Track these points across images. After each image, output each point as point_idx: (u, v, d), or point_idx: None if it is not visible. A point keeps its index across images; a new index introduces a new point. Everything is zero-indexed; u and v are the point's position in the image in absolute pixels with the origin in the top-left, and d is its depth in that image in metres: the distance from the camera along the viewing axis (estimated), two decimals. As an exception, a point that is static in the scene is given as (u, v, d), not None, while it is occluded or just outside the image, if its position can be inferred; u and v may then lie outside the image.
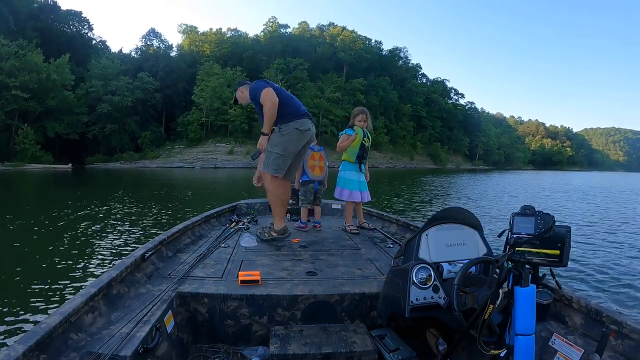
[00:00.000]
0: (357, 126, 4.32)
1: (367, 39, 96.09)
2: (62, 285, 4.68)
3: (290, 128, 3.47)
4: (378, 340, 2.16)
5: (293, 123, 3.48)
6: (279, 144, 3.48)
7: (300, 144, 3.61)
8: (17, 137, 49.41)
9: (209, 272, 2.64)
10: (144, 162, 57.44)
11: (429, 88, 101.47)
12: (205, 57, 74.68)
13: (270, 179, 3.54)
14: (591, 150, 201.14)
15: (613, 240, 8.99)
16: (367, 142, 4.41)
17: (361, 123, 4.33)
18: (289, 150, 3.52)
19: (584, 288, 5.39)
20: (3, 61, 47.97)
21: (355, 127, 4.32)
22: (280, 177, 3.58)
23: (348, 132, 4.31)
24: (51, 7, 63.39)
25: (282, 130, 3.48)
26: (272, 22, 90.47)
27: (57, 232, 7.76)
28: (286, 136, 3.48)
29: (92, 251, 6.34)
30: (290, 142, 3.51)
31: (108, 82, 58.59)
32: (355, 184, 4.35)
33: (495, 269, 1.79)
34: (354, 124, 4.35)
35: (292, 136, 3.49)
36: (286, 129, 3.47)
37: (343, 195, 4.39)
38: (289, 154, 3.52)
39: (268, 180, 3.55)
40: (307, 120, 3.61)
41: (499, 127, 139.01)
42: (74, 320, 1.69)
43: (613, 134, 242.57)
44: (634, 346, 1.57)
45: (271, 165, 3.49)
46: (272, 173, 3.51)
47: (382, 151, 79.47)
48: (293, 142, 3.52)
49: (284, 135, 3.48)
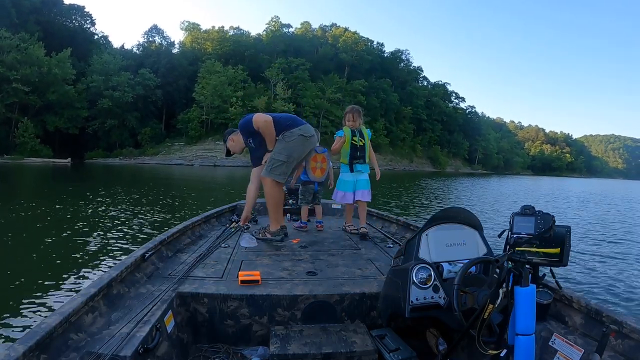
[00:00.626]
0: (346, 126, 4.26)
1: (369, 40, 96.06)
2: (62, 285, 4.64)
3: (294, 135, 3.49)
4: (378, 340, 2.16)
5: (297, 130, 3.51)
6: (283, 151, 3.48)
7: (305, 150, 3.65)
8: (17, 130, 49.57)
9: (209, 272, 2.64)
10: (143, 158, 57.44)
11: (430, 91, 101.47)
12: (207, 54, 74.59)
13: (271, 183, 3.53)
14: (590, 157, 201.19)
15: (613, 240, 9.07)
16: (360, 140, 4.23)
17: (350, 123, 4.24)
18: (293, 157, 3.54)
19: (584, 288, 5.39)
20: (4, 54, 48.03)
21: (344, 127, 4.26)
22: (282, 183, 3.62)
23: (338, 134, 4.25)
24: (54, 1, 63.26)
25: (286, 137, 3.49)
26: (275, 21, 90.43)
27: (57, 231, 7.66)
28: (290, 143, 3.49)
29: (92, 251, 6.28)
30: (295, 148, 3.52)
31: (109, 78, 58.67)
32: (348, 185, 4.26)
33: (495, 268, 1.79)
34: (345, 125, 4.30)
35: (296, 143, 3.51)
36: (290, 135, 3.49)
37: (337, 197, 4.35)
38: (292, 160, 3.55)
39: (269, 184, 3.54)
40: (310, 127, 3.65)
41: (499, 132, 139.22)
42: (74, 320, 1.69)
43: (612, 141, 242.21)
44: (634, 346, 1.57)
45: (274, 171, 3.49)
46: (276, 179, 3.51)
47: (382, 153, 79.29)
48: (297, 148, 3.54)
49: (289, 142, 3.49)
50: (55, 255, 5.89)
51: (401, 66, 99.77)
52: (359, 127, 4.26)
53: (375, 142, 57.67)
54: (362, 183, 4.28)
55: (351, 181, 4.26)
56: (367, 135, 4.29)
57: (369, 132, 4.36)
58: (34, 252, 5.98)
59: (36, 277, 4.83)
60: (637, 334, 1.56)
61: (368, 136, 4.30)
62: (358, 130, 4.24)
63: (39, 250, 6.13)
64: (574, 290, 2.04)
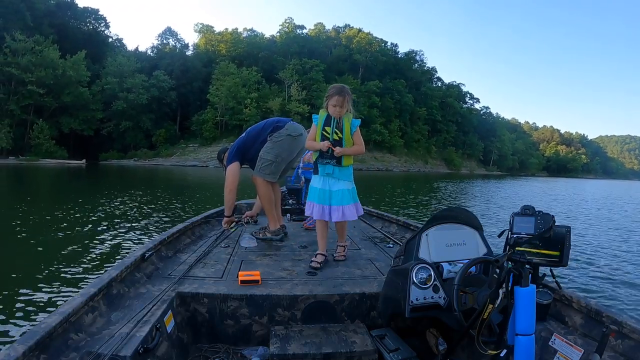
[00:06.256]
0: (323, 110, 3.02)
1: (383, 41, 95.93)
2: (62, 285, 4.65)
3: (282, 135, 3.58)
4: (378, 340, 2.16)
5: (284, 130, 3.59)
6: (271, 151, 3.58)
7: (294, 150, 3.70)
8: (32, 132, 50.29)
9: (209, 272, 2.65)
10: (157, 159, 58.13)
11: (444, 92, 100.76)
12: (221, 56, 75.24)
13: (262, 182, 3.62)
14: (606, 158, 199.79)
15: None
16: (335, 133, 2.96)
17: (335, 109, 2.93)
18: (282, 157, 3.62)
19: (584, 288, 5.40)
20: (19, 57, 48.75)
21: (321, 111, 3.05)
22: (273, 182, 3.71)
23: (314, 119, 3.09)
24: (68, 4, 64.43)
25: (273, 138, 3.59)
26: (289, 22, 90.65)
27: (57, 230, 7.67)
28: (278, 142, 3.58)
29: (93, 251, 6.24)
30: (283, 148, 3.60)
31: (124, 80, 59.45)
32: (315, 195, 3.07)
33: (495, 269, 1.79)
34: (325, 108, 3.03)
35: (283, 142, 3.59)
36: (277, 136, 3.58)
37: (308, 208, 3.18)
38: (281, 160, 3.63)
39: (260, 184, 3.63)
40: (297, 125, 3.70)
41: (514, 133, 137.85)
42: (74, 320, 1.69)
43: (628, 141, 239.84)
44: (634, 346, 1.56)
45: (264, 170, 3.59)
46: (266, 178, 3.61)
47: (396, 155, 79.69)
48: (286, 148, 3.61)
49: (276, 142, 3.58)
50: (55, 255, 5.84)
51: (415, 67, 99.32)
52: (342, 115, 2.96)
53: (389, 143, 56.86)
54: (337, 195, 3.03)
55: (320, 189, 3.05)
56: (348, 128, 2.97)
57: (356, 123, 3.02)
58: (33, 252, 6.00)
59: (36, 277, 4.84)
60: (637, 334, 1.56)
61: (352, 130, 2.99)
62: (337, 119, 2.96)
63: (39, 249, 6.16)
64: (574, 290, 2.07)
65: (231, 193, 3.81)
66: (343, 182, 3.03)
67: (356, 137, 3.00)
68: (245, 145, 3.78)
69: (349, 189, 3.05)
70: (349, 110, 2.98)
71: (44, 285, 4.57)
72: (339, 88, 2.96)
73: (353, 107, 3.01)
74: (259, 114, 61.26)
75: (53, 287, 4.54)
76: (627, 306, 4.83)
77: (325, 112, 2.98)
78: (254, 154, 3.69)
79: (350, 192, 3.06)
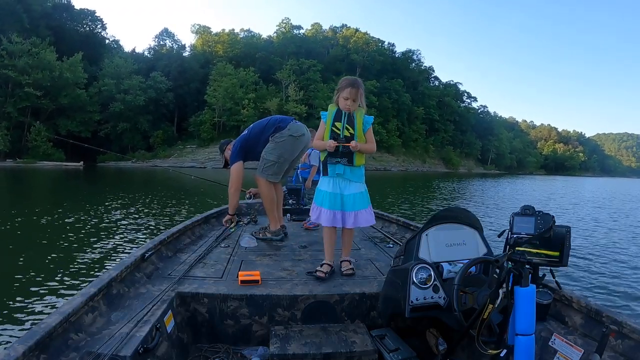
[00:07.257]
0: (333, 104, 2.80)
1: (380, 41, 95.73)
2: (62, 285, 4.66)
3: (284, 135, 3.59)
4: (378, 340, 2.17)
5: (286, 130, 3.59)
6: (273, 151, 3.60)
7: (296, 150, 3.72)
8: (29, 134, 50.01)
9: (209, 272, 2.65)
10: (155, 161, 57.72)
11: (442, 91, 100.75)
12: (218, 57, 74.91)
13: (264, 183, 3.64)
14: (603, 156, 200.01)
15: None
16: (347, 129, 2.72)
17: (347, 102, 2.69)
18: (284, 157, 3.65)
19: (584, 288, 5.41)
20: (16, 59, 48.44)
21: (330, 106, 2.82)
22: (276, 182, 3.74)
23: (322, 116, 2.85)
24: (65, 6, 64.29)
25: (275, 138, 3.60)
26: (286, 23, 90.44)
27: (57, 230, 7.68)
28: (280, 143, 3.59)
29: (93, 251, 6.27)
30: (285, 148, 3.62)
31: (121, 81, 59.22)
32: (325, 198, 2.81)
33: (495, 269, 1.80)
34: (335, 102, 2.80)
35: (285, 143, 3.60)
36: (280, 136, 3.59)
37: (312, 214, 2.96)
38: (283, 160, 3.66)
39: (262, 184, 3.65)
40: (300, 125, 3.69)
41: (512, 131, 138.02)
42: (74, 320, 1.69)
43: (626, 139, 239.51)
44: (634, 346, 1.56)
45: (266, 171, 3.61)
46: (269, 179, 3.63)
47: (394, 154, 79.51)
48: (288, 148, 3.63)
49: (278, 143, 3.59)
50: (55, 255, 5.90)
51: (412, 66, 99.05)
52: (354, 110, 2.74)
53: (387, 142, 56.55)
54: (349, 199, 2.79)
55: (330, 193, 2.79)
56: (360, 124, 2.74)
57: (369, 120, 2.81)
58: (33, 253, 6.02)
59: (36, 277, 4.86)
60: (637, 334, 1.56)
61: (365, 127, 2.77)
62: (349, 114, 2.72)
63: (39, 250, 6.19)
64: (574, 290, 2.09)
65: (236, 192, 3.87)
66: (355, 185, 2.80)
67: (369, 135, 2.78)
68: (248, 143, 3.79)
69: (362, 191, 2.83)
70: (361, 105, 2.75)
71: (44, 285, 4.56)
72: (352, 80, 2.74)
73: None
74: (256, 115, 61.02)
75: (53, 287, 4.53)
76: (627, 306, 4.83)
77: (335, 106, 2.75)
78: (257, 154, 3.71)
79: (364, 195, 2.84)
